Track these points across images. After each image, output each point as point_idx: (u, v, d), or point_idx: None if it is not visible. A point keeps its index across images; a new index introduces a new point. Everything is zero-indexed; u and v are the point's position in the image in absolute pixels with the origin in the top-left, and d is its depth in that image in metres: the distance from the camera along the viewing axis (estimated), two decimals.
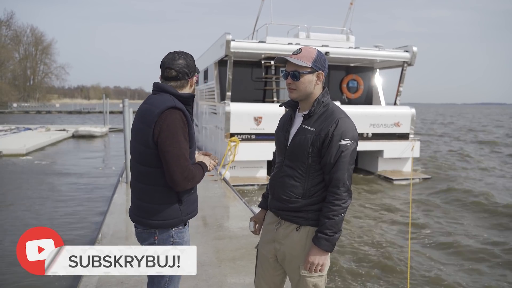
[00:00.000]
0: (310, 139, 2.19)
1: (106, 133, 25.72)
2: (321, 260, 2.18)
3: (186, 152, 2.19)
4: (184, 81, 2.36)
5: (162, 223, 2.27)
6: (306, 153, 2.20)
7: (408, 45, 12.95)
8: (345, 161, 2.15)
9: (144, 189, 2.28)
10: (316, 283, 2.27)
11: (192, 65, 2.37)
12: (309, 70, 2.22)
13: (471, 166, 15.37)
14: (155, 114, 2.18)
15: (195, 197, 2.45)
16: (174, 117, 2.19)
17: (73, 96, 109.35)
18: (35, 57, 77.85)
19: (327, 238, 2.15)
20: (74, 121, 41.14)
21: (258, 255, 2.50)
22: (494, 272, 5.89)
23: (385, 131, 12.16)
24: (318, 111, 2.24)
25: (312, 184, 2.23)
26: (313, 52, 2.24)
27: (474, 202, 9.66)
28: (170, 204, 2.26)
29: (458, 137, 27.45)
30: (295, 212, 2.26)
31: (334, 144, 2.15)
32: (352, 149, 2.18)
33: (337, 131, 2.15)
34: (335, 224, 2.15)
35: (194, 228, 5.71)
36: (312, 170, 2.22)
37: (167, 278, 2.32)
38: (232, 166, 10.79)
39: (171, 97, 2.26)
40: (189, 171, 2.18)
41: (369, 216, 8.57)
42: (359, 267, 5.86)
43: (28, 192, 9.96)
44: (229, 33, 11.02)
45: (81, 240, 6.42)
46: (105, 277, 3.94)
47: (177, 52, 2.36)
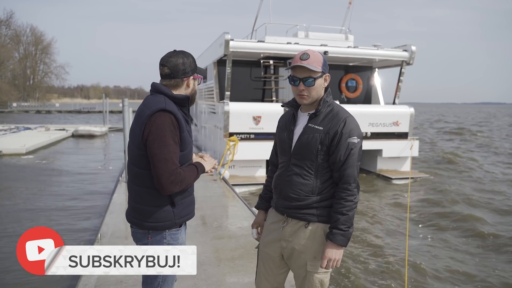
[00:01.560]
0: (319, 138, 2.25)
1: (106, 133, 25.72)
2: (337, 255, 2.24)
3: (174, 156, 2.15)
4: (179, 79, 2.29)
5: (154, 225, 2.24)
6: (315, 152, 2.26)
7: (407, 45, 12.95)
8: (354, 158, 2.26)
9: (137, 190, 2.26)
10: (322, 280, 2.33)
11: (190, 65, 2.30)
12: (319, 74, 2.26)
13: (466, 167, 15.39)
14: (146, 116, 2.17)
15: (191, 200, 2.41)
16: (164, 119, 2.15)
17: (73, 95, 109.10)
18: (35, 56, 77.71)
19: (342, 233, 2.21)
20: (74, 120, 41.12)
21: (260, 255, 2.53)
22: (495, 267, 5.93)
23: (384, 130, 12.18)
24: (324, 110, 2.30)
25: (322, 181, 2.29)
26: (319, 55, 2.29)
27: (472, 202, 9.70)
28: (162, 206, 2.23)
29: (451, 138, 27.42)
30: (304, 209, 2.31)
31: (343, 142, 2.24)
32: (359, 146, 2.29)
33: (345, 129, 2.24)
34: (349, 219, 2.23)
35: (193, 228, 5.73)
36: (321, 168, 2.29)
37: (161, 279, 2.28)
38: (231, 166, 10.81)
39: (164, 99, 2.21)
40: (176, 175, 2.13)
41: (367, 214, 8.58)
42: (355, 267, 5.88)
43: (27, 191, 9.98)
44: (228, 33, 11.03)
45: (80, 239, 6.44)
46: (104, 276, 3.96)
47: (177, 50, 2.33)
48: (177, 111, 2.23)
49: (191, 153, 2.37)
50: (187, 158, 2.30)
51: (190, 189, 2.38)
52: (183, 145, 2.24)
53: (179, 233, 2.34)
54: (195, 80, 2.37)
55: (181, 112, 2.29)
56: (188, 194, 2.36)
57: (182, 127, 2.21)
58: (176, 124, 2.18)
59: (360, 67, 14.14)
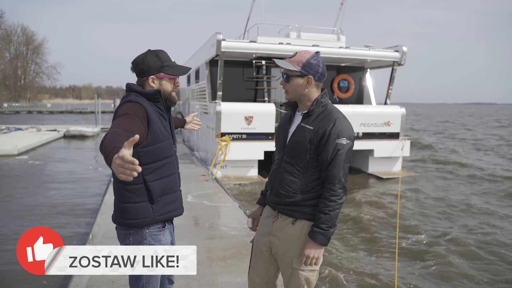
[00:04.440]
0: (308, 137, 2.29)
1: (98, 133, 25.57)
2: (316, 253, 2.27)
3: (123, 124, 2.00)
4: (141, 79, 2.32)
5: (134, 222, 2.25)
6: (304, 150, 2.30)
7: (398, 45, 13.04)
8: (341, 159, 2.26)
9: (118, 187, 2.30)
10: (308, 277, 2.36)
11: (152, 64, 2.28)
12: (298, 73, 2.32)
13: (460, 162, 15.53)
14: (115, 111, 2.20)
15: (175, 197, 2.40)
16: (129, 105, 2.16)
17: (64, 96, 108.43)
18: (26, 56, 77.07)
19: (322, 232, 2.24)
20: (65, 121, 40.88)
21: (253, 249, 2.58)
22: (487, 267, 5.99)
23: (375, 131, 12.25)
24: (317, 110, 2.35)
25: (310, 180, 2.33)
26: (305, 56, 2.33)
27: (465, 203, 9.79)
28: (139, 202, 2.24)
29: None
30: (292, 206, 2.35)
31: (331, 142, 2.25)
32: (348, 148, 2.29)
33: (334, 130, 2.26)
34: (330, 219, 2.24)
35: (185, 228, 5.75)
36: (310, 166, 2.32)
37: (145, 279, 2.28)
38: (223, 166, 10.83)
39: (135, 95, 2.24)
40: (105, 139, 1.86)
41: (357, 211, 8.62)
42: (343, 267, 5.91)
43: (18, 192, 9.93)
44: (219, 33, 11.04)
45: (72, 240, 6.42)
46: (96, 276, 3.96)
47: (150, 50, 2.34)
48: (148, 104, 2.22)
49: (169, 148, 2.33)
50: (162, 152, 2.27)
51: (173, 186, 2.37)
52: (156, 138, 2.21)
53: (162, 234, 2.33)
54: (161, 79, 2.33)
55: (156, 107, 2.28)
56: (169, 191, 2.35)
57: (152, 119, 2.19)
58: (144, 114, 2.16)
59: (352, 67, 14.22)
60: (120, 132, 1.89)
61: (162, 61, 2.30)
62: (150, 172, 2.23)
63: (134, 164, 1.53)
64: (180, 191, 2.48)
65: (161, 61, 2.30)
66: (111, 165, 1.64)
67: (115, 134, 1.86)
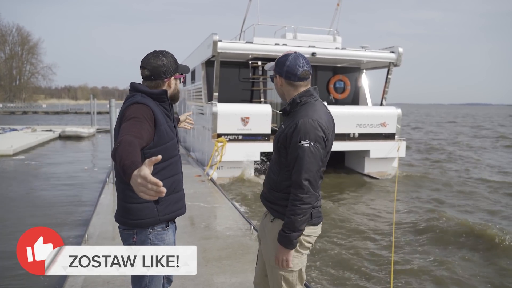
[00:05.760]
0: (278, 136, 2.34)
1: (93, 134, 25.47)
2: (284, 255, 2.25)
3: (134, 128, 1.99)
4: (159, 81, 2.32)
5: (138, 223, 2.25)
6: (277, 149, 2.34)
7: (394, 46, 13.07)
8: (302, 163, 2.17)
9: (122, 188, 2.28)
10: (286, 277, 2.33)
11: (170, 65, 2.31)
12: (272, 74, 2.40)
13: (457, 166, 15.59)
14: (121, 112, 2.19)
15: (179, 197, 2.41)
16: (137, 107, 2.14)
17: (60, 96, 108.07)
18: (21, 56, 76.91)
19: (284, 236, 2.22)
20: (61, 121, 40.73)
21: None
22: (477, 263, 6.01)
23: (371, 131, 12.27)
24: (293, 110, 2.33)
25: (282, 179, 2.32)
26: (279, 58, 2.37)
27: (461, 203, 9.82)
28: (144, 202, 2.22)
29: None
30: (271, 203, 2.40)
31: (293, 145, 2.21)
32: (310, 151, 2.16)
33: (295, 132, 2.20)
34: (291, 223, 2.18)
35: (181, 228, 5.73)
36: (283, 165, 2.32)
37: (147, 279, 2.28)
38: (220, 167, 10.81)
39: (141, 95, 2.23)
40: (119, 142, 1.83)
41: (353, 212, 8.64)
42: (337, 270, 5.91)
43: (13, 192, 9.88)
44: (216, 34, 11.04)
45: (67, 240, 6.39)
46: (91, 277, 3.95)
47: (157, 51, 2.33)
48: (154, 105, 2.22)
49: (173, 148, 2.35)
50: (167, 153, 2.27)
51: (177, 186, 2.38)
52: (162, 139, 2.22)
53: (165, 233, 2.34)
54: (176, 79, 2.39)
55: (162, 107, 2.29)
56: (174, 191, 2.35)
57: (159, 120, 2.20)
58: (151, 116, 2.16)
59: (348, 68, 14.24)
60: (133, 141, 1.85)
61: (176, 62, 2.37)
62: (156, 173, 2.21)
63: (159, 185, 1.50)
64: (183, 190, 2.49)
65: (175, 62, 2.36)
66: (129, 180, 1.61)
67: (129, 145, 1.81)
